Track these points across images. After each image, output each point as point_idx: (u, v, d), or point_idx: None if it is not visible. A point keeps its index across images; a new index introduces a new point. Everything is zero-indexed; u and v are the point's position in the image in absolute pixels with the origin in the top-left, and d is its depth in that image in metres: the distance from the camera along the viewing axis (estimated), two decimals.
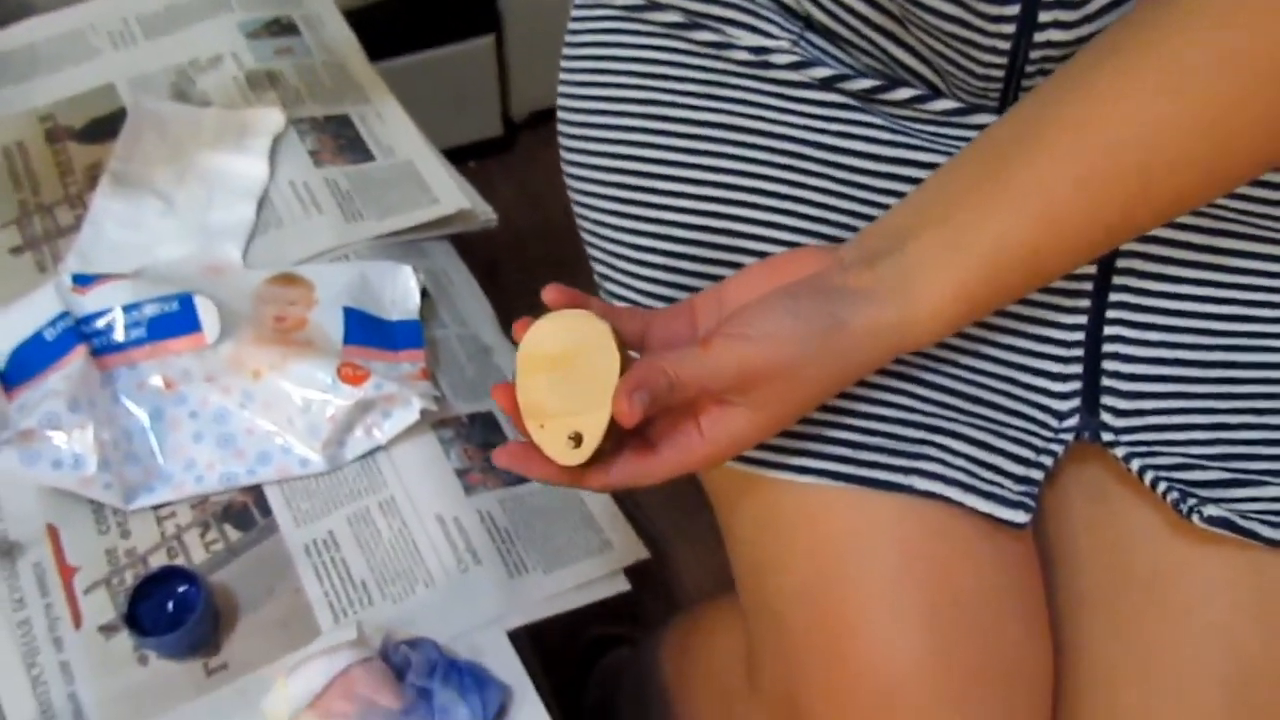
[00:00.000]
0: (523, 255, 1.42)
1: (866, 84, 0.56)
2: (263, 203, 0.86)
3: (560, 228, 1.47)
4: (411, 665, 0.62)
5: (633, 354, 0.49)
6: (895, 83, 0.56)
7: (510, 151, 1.58)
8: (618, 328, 0.47)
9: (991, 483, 0.54)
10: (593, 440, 0.46)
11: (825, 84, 0.57)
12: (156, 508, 0.72)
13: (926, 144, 0.56)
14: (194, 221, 0.84)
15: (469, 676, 0.63)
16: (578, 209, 0.65)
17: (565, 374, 0.47)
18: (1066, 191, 0.46)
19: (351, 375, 0.72)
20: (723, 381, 0.46)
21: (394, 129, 0.93)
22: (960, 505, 0.54)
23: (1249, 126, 0.44)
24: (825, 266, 0.50)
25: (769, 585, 0.58)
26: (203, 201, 0.85)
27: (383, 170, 0.89)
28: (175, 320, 0.73)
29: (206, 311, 0.73)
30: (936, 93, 0.56)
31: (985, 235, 0.47)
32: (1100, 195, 0.46)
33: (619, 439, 0.47)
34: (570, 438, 0.46)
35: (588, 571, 0.71)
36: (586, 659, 1.08)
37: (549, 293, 0.48)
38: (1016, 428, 0.55)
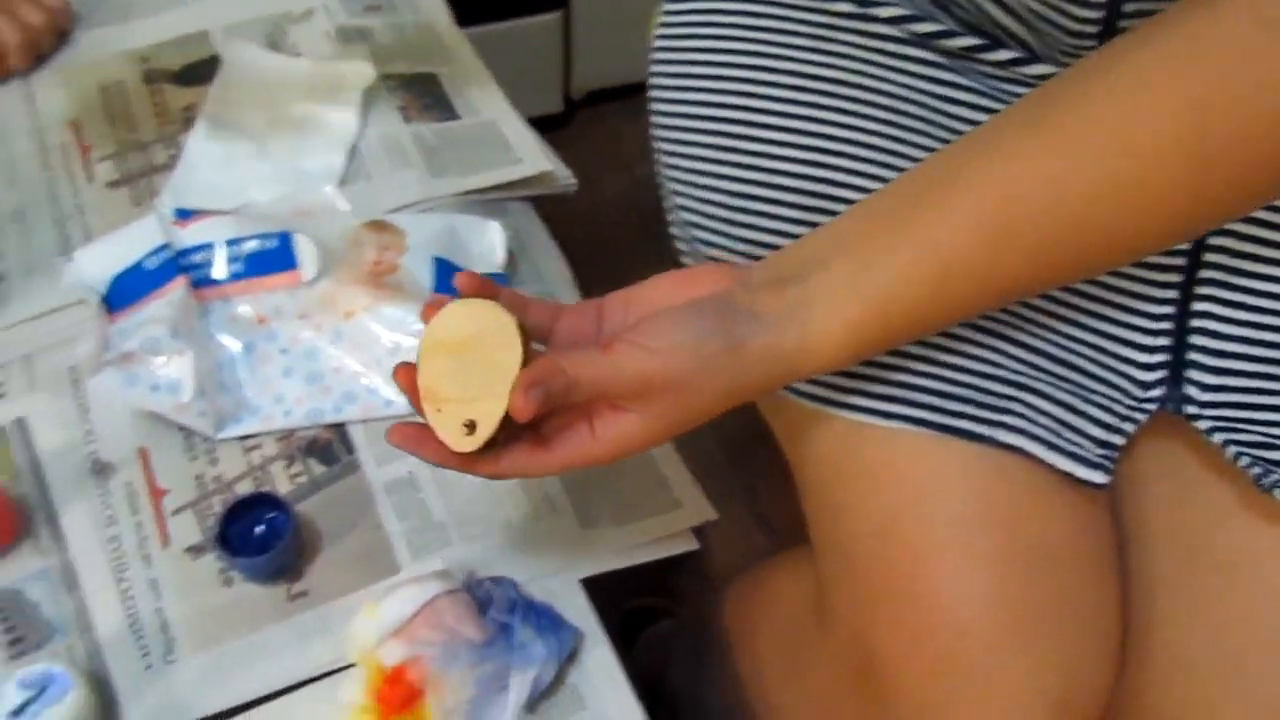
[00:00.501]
0: (570, 235, 1.43)
1: (967, 41, 0.57)
2: (352, 154, 0.88)
3: (610, 207, 1.49)
4: (494, 601, 0.64)
5: (538, 347, 0.50)
6: (995, 43, 0.57)
7: (566, 128, 1.60)
8: (525, 320, 0.49)
9: (1073, 443, 0.55)
10: (486, 429, 0.48)
11: (927, 40, 0.58)
12: (244, 438, 0.74)
13: None
14: (286, 167, 0.86)
15: (545, 618, 0.65)
16: (667, 159, 0.66)
17: (467, 361, 0.48)
18: (967, 244, 0.48)
19: None
20: (620, 387, 0.48)
21: (478, 90, 0.95)
22: (1040, 462, 0.55)
23: (1145, 203, 0.46)
24: (733, 285, 0.51)
25: (843, 526, 0.59)
26: (295, 148, 0.87)
27: (468, 129, 0.91)
28: (273, 257, 0.75)
29: (305, 250, 0.75)
30: (1034, 56, 0.57)
31: (886, 276, 0.49)
32: (999, 252, 0.48)
33: (512, 430, 0.49)
34: (465, 424, 0.48)
35: (658, 528, 0.73)
36: (623, 631, 1.10)
37: (461, 279, 0.50)
38: (1101, 393, 0.57)
